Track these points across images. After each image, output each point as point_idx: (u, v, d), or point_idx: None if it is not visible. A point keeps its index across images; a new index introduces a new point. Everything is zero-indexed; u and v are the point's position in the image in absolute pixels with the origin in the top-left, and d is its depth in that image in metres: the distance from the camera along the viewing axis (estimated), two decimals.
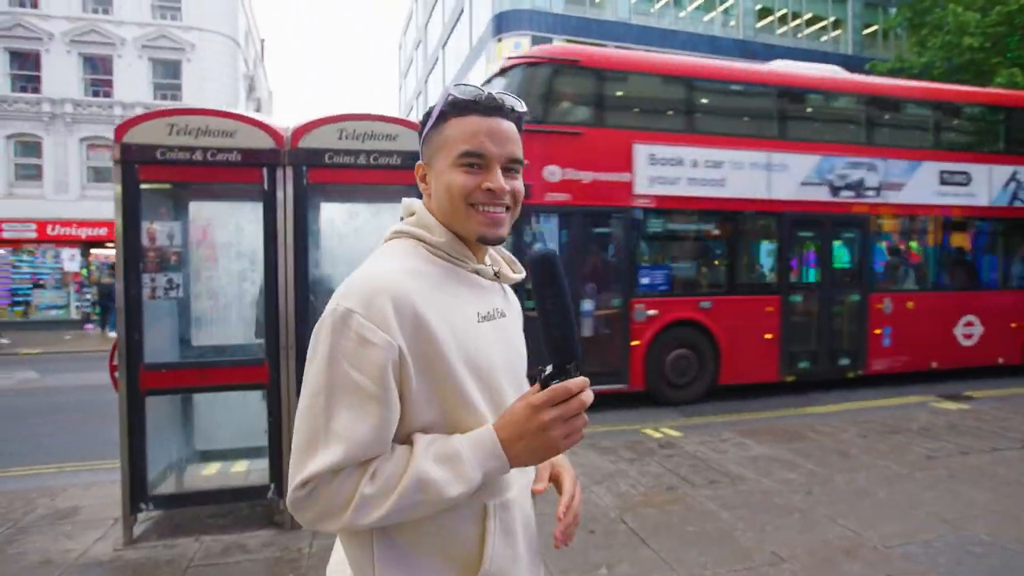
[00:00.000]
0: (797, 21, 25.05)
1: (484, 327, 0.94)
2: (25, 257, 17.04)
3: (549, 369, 0.85)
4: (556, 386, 0.83)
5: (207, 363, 3.51)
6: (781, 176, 7.52)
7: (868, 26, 26.02)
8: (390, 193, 3.58)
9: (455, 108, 0.94)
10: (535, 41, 21.76)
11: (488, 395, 0.92)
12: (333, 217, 3.87)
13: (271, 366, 3.37)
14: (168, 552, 3.13)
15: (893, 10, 22.68)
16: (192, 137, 3.26)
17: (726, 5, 24.05)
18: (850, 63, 24.51)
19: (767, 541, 3.23)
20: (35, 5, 17.30)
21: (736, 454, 4.76)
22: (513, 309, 1.08)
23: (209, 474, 4.28)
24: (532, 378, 0.90)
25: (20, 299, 16.78)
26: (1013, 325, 8.67)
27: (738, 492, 3.96)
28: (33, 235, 16.62)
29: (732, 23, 24.12)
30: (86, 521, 3.53)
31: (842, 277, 8.15)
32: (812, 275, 8.03)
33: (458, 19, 27.49)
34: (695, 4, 23.71)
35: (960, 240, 8.87)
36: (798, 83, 8.15)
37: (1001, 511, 3.57)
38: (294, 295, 3.39)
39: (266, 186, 3.36)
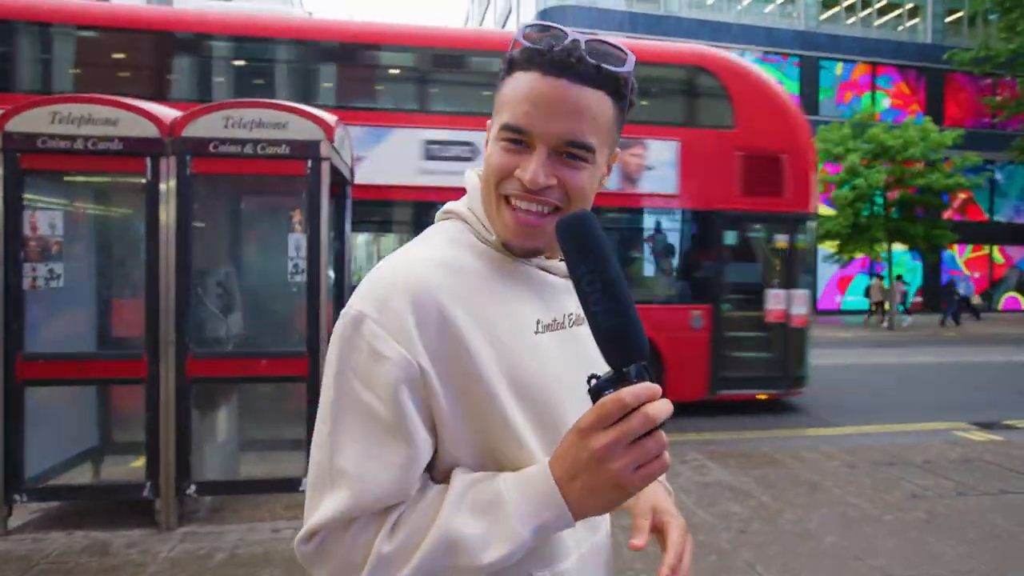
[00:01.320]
0: (868, 10, 23.20)
1: (544, 339, 0.72)
2: None
3: (599, 376, 0.60)
4: (604, 399, 0.58)
5: (86, 356, 3.47)
6: None
7: (952, 12, 23.75)
8: (280, 184, 3.43)
9: (523, 56, 0.70)
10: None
11: (543, 429, 0.69)
12: (223, 207, 3.75)
13: (150, 360, 3.28)
14: (32, 546, 3.09)
15: None
16: (74, 126, 3.21)
17: None
18: (926, 53, 22.56)
19: None
20: None
21: (689, 479, 4.27)
22: None
23: (136, 466, 4.29)
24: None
25: None
26: None
27: None
28: None
29: (795, 14, 22.64)
30: None
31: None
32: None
33: (507, 18, 27.41)
34: None
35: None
36: None
37: (967, 571, 2.96)
38: (175, 288, 3.28)
39: (149, 176, 3.27)
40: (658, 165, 6.51)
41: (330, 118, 3.49)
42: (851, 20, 23.23)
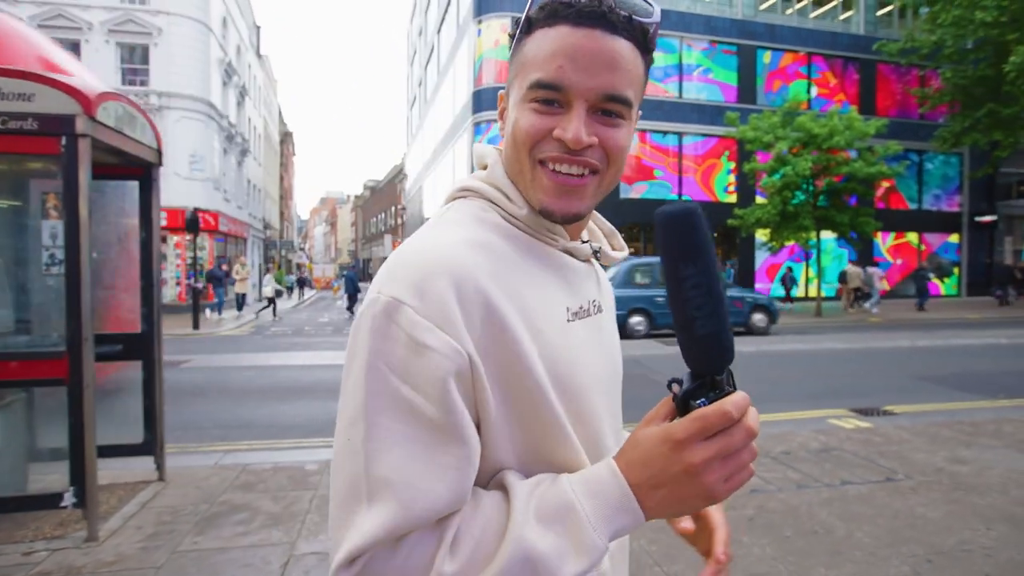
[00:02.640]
0: (804, 2, 23.50)
1: (575, 328, 0.69)
2: None
3: (688, 383, 0.57)
4: (707, 410, 0.55)
5: None
6: None
7: (884, 5, 24.31)
8: (25, 168, 3.03)
9: (543, 12, 0.65)
10: (516, 24, 20.91)
11: (580, 422, 0.66)
12: None
13: None
14: None
15: None
16: None
17: None
18: (859, 44, 23.05)
19: None
20: None
21: None
22: (608, 300, 0.82)
23: None
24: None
25: None
26: None
27: None
28: None
29: (734, 3, 22.75)
30: None
31: None
32: None
33: (449, 2, 26.81)
34: None
35: None
36: None
37: (764, 572, 2.81)
38: None
39: None
40: None
41: (92, 89, 3.09)
42: (789, 11, 23.51)
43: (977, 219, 24.32)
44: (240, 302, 17.67)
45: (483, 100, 20.88)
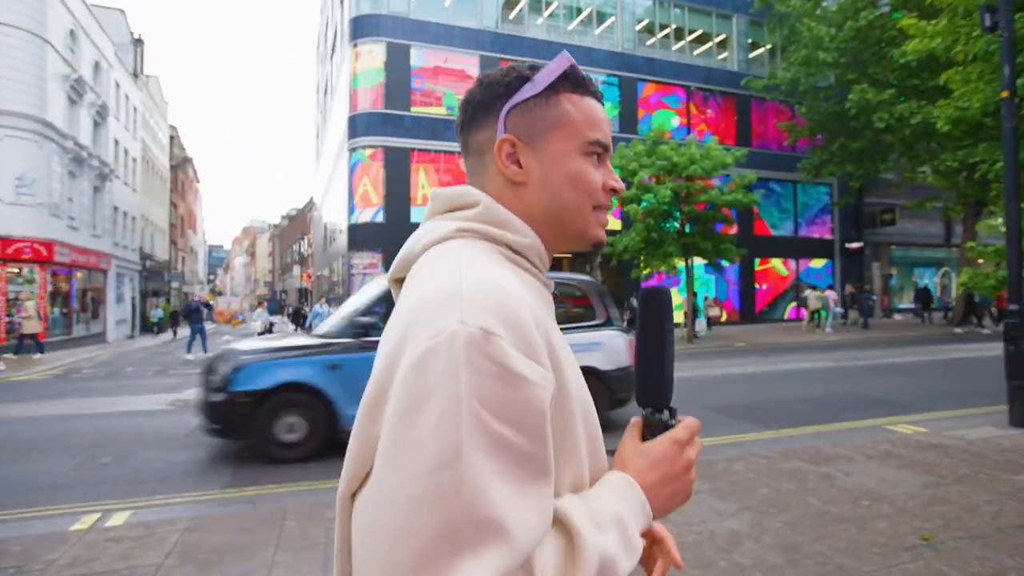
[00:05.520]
0: (681, 42, 24.39)
1: (569, 353, 0.71)
2: None
3: (656, 412, 0.74)
4: (690, 421, 0.74)
5: None
6: None
7: (756, 46, 25.64)
8: None
9: (571, 82, 0.76)
10: (391, 48, 20.48)
11: (594, 442, 0.71)
12: None
13: None
14: None
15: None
16: None
17: (609, 22, 23.27)
18: (734, 80, 24.09)
19: None
20: None
21: None
22: None
23: None
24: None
25: None
26: None
27: None
28: None
29: (613, 36, 23.28)
30: None
31: None
32: None
33: (337, 29, 26.24)
34: (578, 18, 22.87)
35: None
36: None
37: None
38: None
39: None
40: None
41: None
42: (678, 46, 24.29)
43: (847, 245, 25.62)
44: (35, 344, 15.87)
45: (358, 125, 20.18)
